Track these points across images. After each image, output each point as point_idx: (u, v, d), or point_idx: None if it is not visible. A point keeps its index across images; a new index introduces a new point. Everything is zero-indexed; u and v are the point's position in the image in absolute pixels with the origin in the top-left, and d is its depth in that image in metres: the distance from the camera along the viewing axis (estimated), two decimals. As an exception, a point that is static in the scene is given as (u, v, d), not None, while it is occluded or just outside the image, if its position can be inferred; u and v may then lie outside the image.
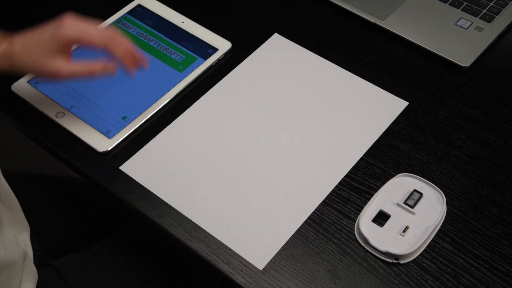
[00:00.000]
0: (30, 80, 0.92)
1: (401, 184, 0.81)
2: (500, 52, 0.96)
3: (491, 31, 0.97)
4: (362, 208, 0.79)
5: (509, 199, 0.80)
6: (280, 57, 0.96)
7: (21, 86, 0.92)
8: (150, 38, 0.98)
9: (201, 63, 0.95)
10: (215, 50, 0.96)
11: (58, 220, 1.02)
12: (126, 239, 1.01)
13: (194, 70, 0.94)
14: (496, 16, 0.99)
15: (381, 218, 0.78)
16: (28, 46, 0.77)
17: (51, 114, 0.88)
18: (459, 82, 0.93)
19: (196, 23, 1.00)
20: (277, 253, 0.76)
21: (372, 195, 0.80)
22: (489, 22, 0.98)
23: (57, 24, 0.77)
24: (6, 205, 0.77)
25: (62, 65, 0.78)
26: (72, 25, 0.77)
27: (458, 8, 1.00)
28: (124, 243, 1.00)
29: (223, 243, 0.77)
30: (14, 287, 0.77)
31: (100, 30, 0.78)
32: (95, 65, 0.80)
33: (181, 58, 0.95)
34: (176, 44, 0.97)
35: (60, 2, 1.06)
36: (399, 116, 0.89)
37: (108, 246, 0.98)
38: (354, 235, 0.77)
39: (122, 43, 0.79)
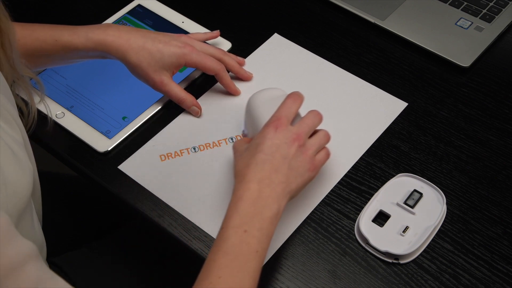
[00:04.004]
0: (29, 80, 0.92)
1: (401, 184, 0.81)
2: (500, 52, 0.96)
3: (491, 31, 0.97)
4: (362, 208, 0.79)
5: (509, 199, 0.80)
6: (280, 57, 0.96)
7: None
8: (150, 38, 0.98)
9: (201, 63, 0.95)
10: (215, 50, 0.96)
11: (58, 219, 1.02)
12: (126, 238, 1.01)
13: (195, 70, 0.94)
14: (496, 16, 0.99)
15: (381, 218, 0.78)
16: (144, 55, 0.84)
17: (51, 114, 0.88)
18: (459, 82, 0.93)
19: (196, 23, 1.00)
20: (276, 253, 0.76)
21: (372, 195, 0.80)
22: (489, 22, 0.98)
23: (182, 48, 0.86)
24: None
25: (166, 79, 0.86)
26: (198, 54, 0.87)
27: (458, 8, 1.00)
28: (124, 242, 1.00)
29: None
30: None
31: (214, 61, 0.88)
32: (190, 98, 0.88)
33: (181, 58, 0.95)
34: (176, 44, 0.97)
35: (61, 2, 1.06)
36: (399, 116, 0.89)
37: (108, 244, 0.98)
38: (354, 235, 0.77)
39: (227, 78, 0.90)
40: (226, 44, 0.97)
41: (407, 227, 0.76)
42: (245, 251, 0.65)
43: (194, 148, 0.86)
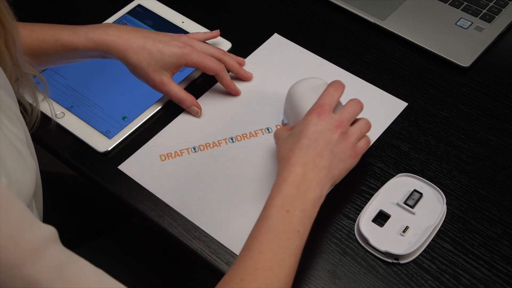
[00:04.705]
0: (33, 78, 0.92)
1: (401, 184, 0.81)
2: (500, 52, 0.96)
3: (491, 31, 0.97)
4: (362, 208, 0.79)
5: (509, 199, 0.80)
6: (280, 57, 0.96)
7: (21, 86, 0.92)
8: (150, 38, 0.98)
9: (201, 63, 0.95)
10: (215, 50, 0.96)
11: (58, 219, 1.02)
12: (126, 238, 1.01)
13: (195, 70, 0.94)
14: (496, 16, 0.99)
15: (381, 218, 0.78)
16: (145, 54, 0.84)
17: (54, 113, 0.88)
18: (459, 82, 0.93)
19: (196, 23, 1.00)
20: (277, 253, 0.76)
21: (372, 195, 0.80)
22: (489, 22, 0.98)
23: (182, 48, 0.86)
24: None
25: (166, 79, 0.86)
26: (199, 54, 0.86)
27: (458, 8, 1.00)
28: (124, 241, 1.00)
29: (223, 244, 0.77)
30: None
31: (214, 61, 0.88)
32: (190, 98, 0.88)
33: (181, 58, 0.95)
34: (176, 44, 0.97)
35: (61, 2, 1.06)
36: (399, 116, 0.89)
37: (108, 244, 0.98)
38: (354, 235, 0.77)
39: (227, 78, 0.90)
40: (226, 44, 0.97)
41: (407, 227, 0.76)
42: (287, 230, 0.67)
43: (194, 148, 0.86)
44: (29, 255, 0.50)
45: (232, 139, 0.87)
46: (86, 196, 1.07)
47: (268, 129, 0.88)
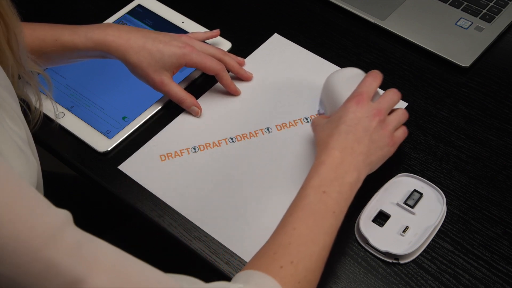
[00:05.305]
0: (37, 76, 0.92)
1: (401, 184, 0.81)
2: (500, 52, 0.96)
3: (491, 31, 0.97)
4: (362, 208, 0.79)
5: (509, 199, 0.80)
6: (280, 57, 0.96)
7: (21, 86, 0.92)
8: (150, 38, 0.98)
9: (201, 63, 0.95)
10: (215, 50, 0.96)
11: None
12: (126, 238, 1.01)
13: (195, 70, 0.94)
14: (496, 16, 0.99)
15: (381, 218, 0.78)
16: (145, 54, 0.84)
17: (51, 115, 0.88)
18: (459, 82, 0.93)
19: (196, 23, 1.00)
20: (277, 253, 0.76)
21: (372, 195, 0.80)
22: (489, 22, 0.98)
23: (183, 48, 0.86)
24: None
25: (166, 79, 0.86)
26: (199, 54, 0.87)
27: (458, 8, 1.00)
28: (124, 241, 0.99)
29: (223, 244, 0.77)
30: None
31: (214, 61, 0.88)
32: (190, 98, 0.88)
33: (181, 58, 0.95)
34: (176, 44, 0.97)
35: (61, 2, 1.06)
36: (399, 116, 0.89)
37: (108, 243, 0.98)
38: (354, 235, 0.77)
39: (227, 78, 0.90)
40: (226, 44, 0.97)
41: (407, 227, 0.76)
42: (322, 209, 0.68)
43: (194, 148, 0.86)
44: (47, 238, 0.50)
45: (232, 139, 0.87)
46: (86, 196, 1.07)
47: (268, 129, 0.88)
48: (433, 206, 0.78)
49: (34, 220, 0.50)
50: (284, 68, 0.95)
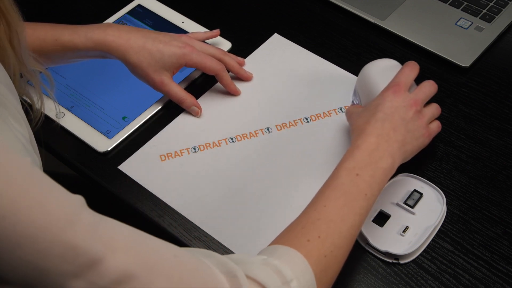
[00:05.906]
0: (29, 80, 0.92)
1: (401, 184, 0.81)
2: (500, 52, 0.96)
3: (491, 31, 0.97)
4: (362, 208, 0.79)
5: (509, 199, 0.80)
6: (280, 57, 0.96)
7: (21, 86, 0.92)
8: (150, 38, 0.98)
9: (201, 63, 0.95)
10: (215, 50, 0.96)
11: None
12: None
13: (195, 70, 0.94)
14: (496, 16, 0.99)
15: (381, 218, 0.78)
16: (145, 54, 0.85)
17: (51, 114, 0.88)
18: (459, 82, 0.93)
19: (196, 23, 1.00)
20: (277, 253, 0.76)
21: (372, 195, 0.80)
22: (489, 22, 0.98)
23: (183, 48, 0.86)
24: None
25: (166, 79, 0.86)
26: (199, 54, 0.87)
27: (458, 8, 1.00)
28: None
29: (223, 244, 0.77)
30: None
31: (214, 61, 0.88)
32: (190, 98, 0.88)
33: (181, 58, 0.95)
34: (176, 44, 0.97)
35: (61, 2, 1.06)
36: (399, 116, 0.88)
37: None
38: (354, 235, 0.77)
39: (227, 78, 0.90)
40: (226, 44, 0.97)
41: (407, 227, 0.76)
42: (354, 191, 0.69)
43: (194, 148, 0.86)
44: (65, 221, 0.51)
45: (232, 139, 0.87)
46: (86, 196, 1.07)
47: (268, 129, 0.88)
48: (433, 206, 0.78)
49: (51, 205, 0.51)
50: (284, 68, 0.95)
